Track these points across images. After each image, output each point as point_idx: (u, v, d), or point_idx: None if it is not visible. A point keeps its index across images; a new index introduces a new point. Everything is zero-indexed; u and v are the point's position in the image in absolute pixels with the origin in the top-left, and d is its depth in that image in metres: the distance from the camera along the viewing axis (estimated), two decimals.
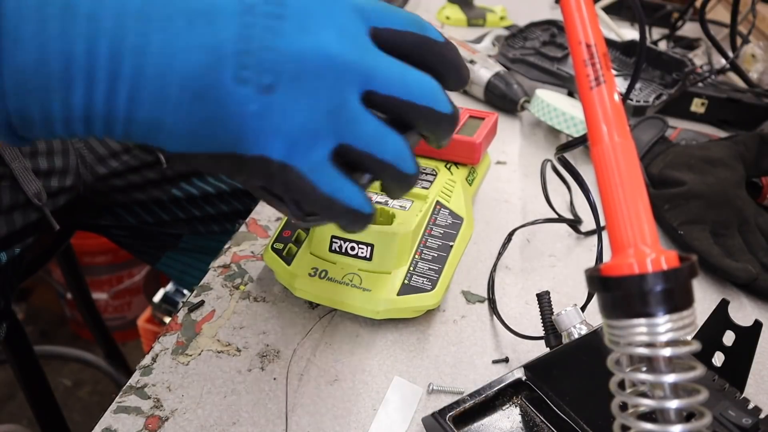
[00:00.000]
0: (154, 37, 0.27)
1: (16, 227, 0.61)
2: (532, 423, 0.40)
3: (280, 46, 0.28)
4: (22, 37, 0.25)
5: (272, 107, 0.29)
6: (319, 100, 0.29)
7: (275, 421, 0.39)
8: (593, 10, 0.30)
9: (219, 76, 0.28)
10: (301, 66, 0.29)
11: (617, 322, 0.27)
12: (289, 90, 0.29)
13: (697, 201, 0.58)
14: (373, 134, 0.31)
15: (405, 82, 0.31)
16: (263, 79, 0.28)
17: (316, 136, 0.30)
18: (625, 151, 0.28)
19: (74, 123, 0.28)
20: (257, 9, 0.28)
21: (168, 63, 0.27)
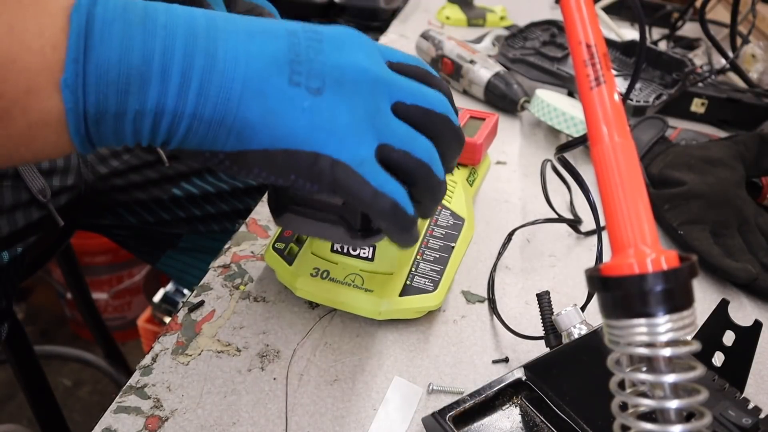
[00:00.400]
0: (220, 44, 0.31)
1: (18, 226, 0.61)
2: (532, 423, 0.40)
3: (323, 59, 0.33)
4: (108, 36, 0.29)
5: (321, 106, 0.32)
6: (360, 103, 0.33)
7: (275, 421, 0.39)
8: (593, 10, 0.30)
9: (276, 78, 0.32)
10: (342, 74, 0.33)
11: (617, 322, 0.27)
12: (334, 93, 0.33)
13: (697, 201, 0.58)
14: (406, 135, 0.35)
15: (423, 94, 0.36)
16: (312, 83, 0.32)
17: (360, 133, 0.33)
18: (625, 151, 0.28)
19: (144, 117, 0.30)
20: (300, 34, 0.33)
21: (233, 65, 0.31)
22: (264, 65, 0.32)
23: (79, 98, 0.29)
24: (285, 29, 0.33)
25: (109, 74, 0.29)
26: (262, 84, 0.31)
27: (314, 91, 0.32)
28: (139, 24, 0.29)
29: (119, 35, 0.29)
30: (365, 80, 0.34)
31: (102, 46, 0.28)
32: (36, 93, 0.29)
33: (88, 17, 0.28)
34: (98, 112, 0.29)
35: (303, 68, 0.32)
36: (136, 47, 0.29)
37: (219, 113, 0.31)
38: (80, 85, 0.29)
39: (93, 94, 0.29)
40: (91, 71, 0.29)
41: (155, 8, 0.31)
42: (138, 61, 0.29)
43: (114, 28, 0.29)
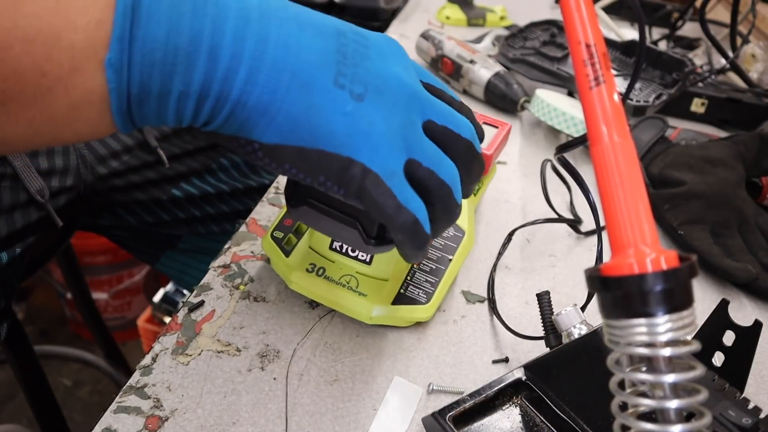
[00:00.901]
0: (272, 30, 0.30)
1: (17, 227, 0.61)
2: (532, 423, 0.40)
3: (368, 66, 0.33)
4: (156, 12, 0.27)
5: (362, 112, 0.32)
6: (396, 115, 0.33)
7: (275, 421, 0.39)
8: (593, 10, 0.30)
9: (324, 76, 0.31)
10: (384, 84, 0.33)
11: (617, 322, 0.27)
12: (374, 101, 0.33)
13: (697, 201, 0.58)
14: (435, 154, 0.35)
15: (454, 117, 0.36)
16: (356, 88, 0.32)
17: (393, 145, 0.33)
18: (625, 151, 0.28)
19: (188, 99, 0.29)
20: (348, 35, 0.33)
21: (284, 54, 0.30)
22: (314, 60, 0.31)
23: (123, 78, 0.28)
24: (334, 27, 0.33)
25: (155, 54, 0.28)
26: (310, 79, 0.31)
27: (356, 96, 0.32)
28: (189, 1, 0.28)
29: (167, 13, 0.27)
30: (403, 93, 0.34)
31: (149, 24, 0.27)
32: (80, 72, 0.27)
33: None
34: (142, 91, 0.29)
35: (348, 71, 0.32)
36: (185, 26, 0.28)
37: (264, 102, 0.30)
38: (125, 64, 0.28)
39: (137, 73, 0.28)
40: (136, 50, 0.27)
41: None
42: (186, 40, 0.28)
43: (162, 5, 0.27)
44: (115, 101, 0.28)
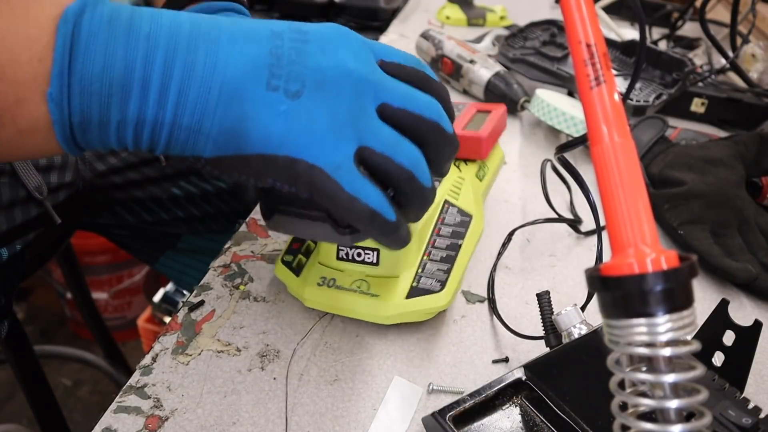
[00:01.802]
0: (200, 51, 0.31)
1: (16, 223, 0.61)
2: (532, 423, 0.40)
3: (304, 61, 0.33)
4: (92, 49, 0.30)
5: (299, 109, 0.32)
6: (341, 105, 0.33)
7: (275, 421, 0.39)
8: (593, 10, 0.30)
9: (253, 83, 0.32)
10: (323, 76, 0.33)
11: (617, 322, 0.27)
12: (313, 95, 0.32)
13: (697, 201, 0.58)
14: (389, 138, 0.34)
15: (413, 97, 0.35)
16: (291, 86, 0.32)
17: (339, 136, 0.33)
18: (625, 151, 0.28)
19: (127, 127, 0.32)
20: (285, 34, 0.33)
21: (211, 72, 0.31)
22: (242, 71, 0.32)
23: (65, 110, 0.30)
24: (270, 31, 0.33)
25: (92, 86, 0.30)
26: (239, 90, 0.32)
27: (292, 95, 0.32)
28: (122, 36, 0.30)
29: (103, 48, 0.30)
30: (348, 81, 0.33)
31: (86, 60, 0.30)
32: (25, 103, 0.30)
33: (74, 29, 0.29)
34: (83, 121, 0.31)
35: (282, 71, 0.32)
36: (119, 60, 0.30)
37: (197, 121, 0.32)
38: (65, 97, 0.30)
39: (77, 105, 0.30)
40: (75, 84, 0.30)
41: (141, 16, 0.31)
42: (120, 73, 0.30)
43: (98, 40, 0.30)
44: (58, 130, 0.31)
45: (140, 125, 0.32)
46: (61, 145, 0.31)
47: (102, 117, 0.31)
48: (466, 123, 0.56)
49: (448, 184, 0.51)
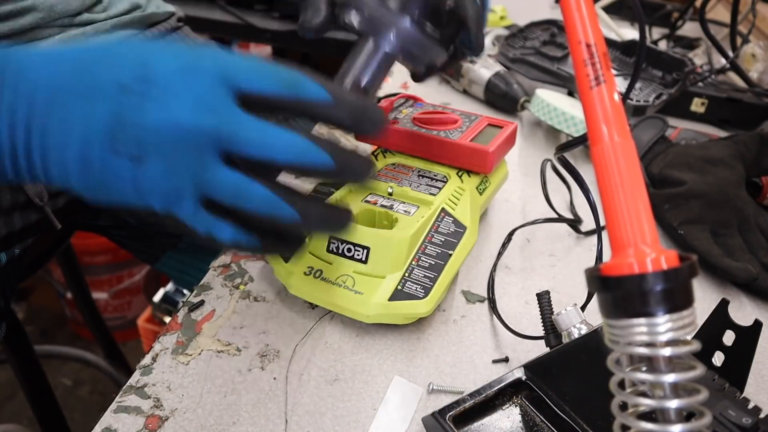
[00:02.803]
0: (54, 121, 0.34)
1: (16, 228, 0.61)
2: (532, 423, 0.40)
3: (145, 123, 0.33)
4: None
5: (143, 174, 0.34)
6: (180, 165, 0.34)
7: (275, 421, 0.39)
8: (593, 10, 0.30)
9: (99, 149, 0.34)
10: (160, 138, 0.34)
11: (617, 322, 0.27)
12: (154, 159, 0.34)
13: (697, 201, 0.58)
14: (234, 189, 0.34)
15: (263, 142, 0.34)
16: (132, 150, 0.34)
17: (180, 194, 0.35)
18: (625, 151, 0.28)
19: (7, 179, 0.35)
20: (129, 87, 0.34)
21: (64, 141, 0.34)
22: (88, 138, 0.34)
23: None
24: (116, 84, 0.34)
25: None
26: (88, 156, 0.34)
27: (134, 159, 0.34)
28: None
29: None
30: (186, 140, 0.34)
31: None
32: None
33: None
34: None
35: (124, 136, 0.34)
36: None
37: (64, 179, 0.35)
38: None
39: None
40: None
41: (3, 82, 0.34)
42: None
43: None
44: None
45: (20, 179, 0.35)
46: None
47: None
48: (475, 135, 0.55)
49: (447, 193, 0.51)
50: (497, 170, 0.58)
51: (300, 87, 0.35)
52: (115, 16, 0.64)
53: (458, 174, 0.54)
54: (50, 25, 0.57)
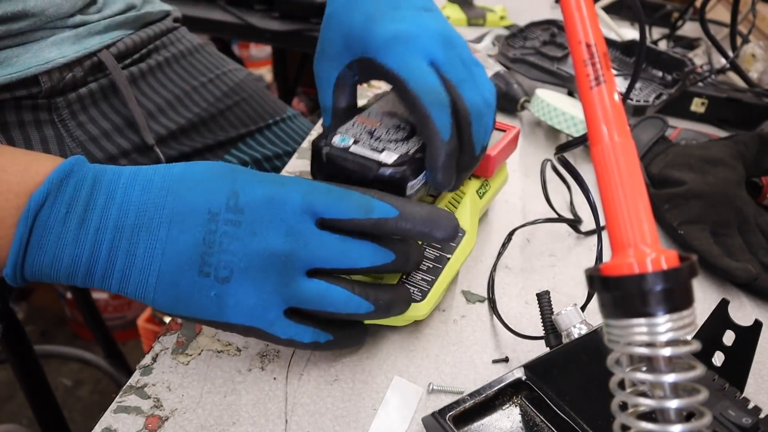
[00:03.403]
0: (141, 244, 0.36)
1: None
2: (532, 423, 0.40)
3: (234, 249, 0.36)
4: (43, 245, 0.35)
5: (228, 292, 0.37)
6: (266, 284, 0.37)
7: (275, 421, 0.39)
8: (593, 10, 0.30)
9: (188, 271, 0.36)
10: (250, 263, 0.37)
11: (617, 322, 0.27)
12: (241, 279, 0.37)
13: (697, 201, 0.59)
14: (316, 297, 0.38)
15: (344, 256, 0.38)
16: (220, 273, 0.36)
17: (266, 306, 0.37)
18: (625, 151, 0.28)
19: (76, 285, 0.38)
20: (220, 217, 0.37)
21: (148, 264, 0.36)
22: (176, 263, 0.36)
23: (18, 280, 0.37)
24: (208, 211, 0.37)
25: (42, 271, 0.36)
26: (174, 277, 0.36)
27: (222, 280, 0.36)
28: (73, 231, 0.35)
29: (54, 244, 0.35)
30: (273, 264, 0.37)
31: (38, 253, 0.35)
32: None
33: (34, 223, 0.35)
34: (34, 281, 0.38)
35: (213, 259, 0.36)
36: (67, 254, 0.35)
37: (139, 295, 0.37)
38: (18, 275, 0.36)
39: (29, 278, 0.37)
40: (27, 268, 0.36)
41: (94, 205, 0.36)
42: (67, 263, 0.36)
43: (51, 236, 0.35)
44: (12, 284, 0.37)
45: (88, 286, 0.38)
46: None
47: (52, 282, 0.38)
48: None
49: (447, 197, 0.51)
50: (497, 174, 0.58)
51: (372, 209, 0.38)
52: (110, 17, 0.64)
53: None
54: (42, 28, 0.57)
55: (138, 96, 0.69)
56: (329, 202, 0.38)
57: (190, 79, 0.74)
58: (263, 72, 2.39)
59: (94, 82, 0.63)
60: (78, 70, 0.61)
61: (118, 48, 0.65)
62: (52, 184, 0.35)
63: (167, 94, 0.71)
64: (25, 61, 0.56)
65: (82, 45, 0.60)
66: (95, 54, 0.62)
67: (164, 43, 0.73)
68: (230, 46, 2.31)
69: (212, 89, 0.76)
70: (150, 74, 0.70)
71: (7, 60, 0.55)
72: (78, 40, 0.60)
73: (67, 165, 0.36)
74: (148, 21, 0.70)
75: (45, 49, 0.57)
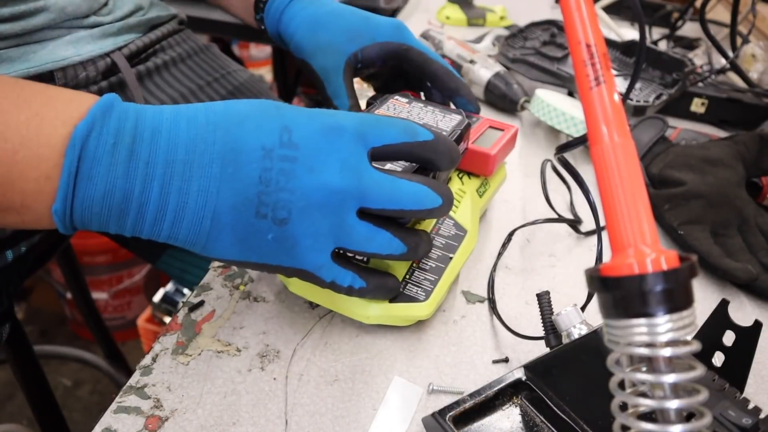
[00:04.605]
0: (194, 182, 0.34)
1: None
2: (532, 423, 0.40)
3: (292, 187, 0.35)
4: (94, 176, 0.33)
5: (285, 235, 0.36)
6: (322, 224, 0.36)
7: (275, 421, 0.39)
8: (593, 10, 0.30)
9: (245, 212, 0.35)
10: (309, 202, 0.36)
11: (617, 322, 0.27)
12: (299, 221, 0.36)
13: (697, 201, 0.58)
14: (363, 238, 0.38)
15: (393, 195, 0.38)
16: (278, 214, 0.35)
17: (319, 249, 0.37)
18: (625, 151, 0.28)
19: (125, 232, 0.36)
20: (274, 152, 0.35)
21: (203, 204, 0.34)
22: (232, 202, 0.35)
23: (67, 221, 0.34)
24: (261, 147, 0.35)
25: (93, 207, 0.33)
26: (230, 219, 0.35)
27: (279, 222, 0.35)
28: (123, 162, 0.33)
29: (104, 176, 0.33)
30: (331, 201, 0.36)
31: (89, 186, 0.33)
32: (29, 208, 0.34)
33: (81, 154, 0.32)
34: (83, 225, 0.35)
35: (270, 199, 0.35)
36: (119, 187, 0.33)
37: (191, 239, 0.35)
38: (68, 214, 0.33)
39: (78, 218, 0.34)
40: (77, 205, 0.33)
41: (141, 138, 0.34)
42: (119, 198, 0.33)
43: (101, 167, 0.33)
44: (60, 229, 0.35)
45: (138, 233, 0.35)
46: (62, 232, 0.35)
47: (101, 228, 0.35)
48: (476, 137, 0.55)
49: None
50: (497, 173, 0.58)
51: (417, 133, 0.39)
52: (121, 19, 0.65)
53: (459, 176, 0.54)
54: (59, 27, 0.59)
55: (144, 94, 0.69)
56: (380, 129, 0.38)
57: (196, 78, 0.75)
58: (263, 72, 2.39)
59: (104, 80, 0.64)
60: (92, 69, 0.62)
61: (130, 49, 0.66)
62: (96, 115, 0.33)
63: (173, 93, 0.72)
64: (41, 56, 0.57)
65: (97, 45, 0.62)
66: (108, 55, 0.64)
67: (170, 44, 0.74)
68: (230, 46, 2.31)
69: (217, 88, 0.76)
70: (156, 73, 0.71)
71: (25, 55, 0.56)
72: (93, 40, 0.62)
73: (107, 99, 0.34)
74: (156, 24, 0.72)
75: (61, 47, 0.59)
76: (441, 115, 0.49)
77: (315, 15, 0.56)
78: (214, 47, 0.82)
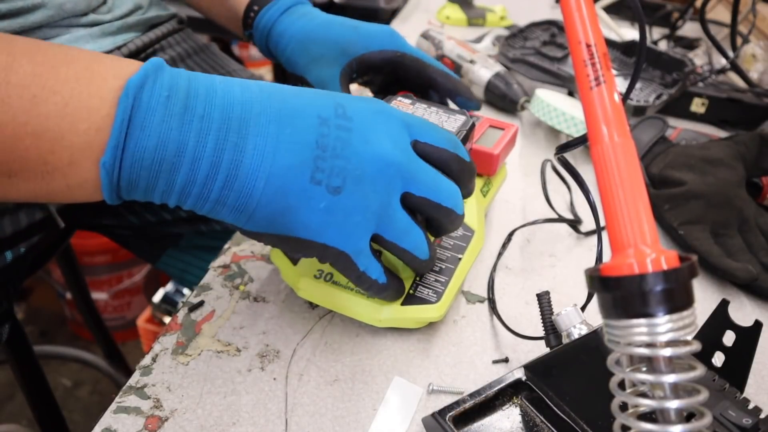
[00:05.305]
0: (250, 139, 0.33)
1: (21, 226, 0.61)
2: (532, 423, 0.40)
3: (348, 155, 0.35)
4: (147, 126, 0.31)
5: (338, 206, 0.35)
6: (373, 200, 0.36)
7: (275, 421, 0.39)
8: (593, 10, 0.30)
9: (300, 176, 0.34)
10: (363, 172, 0.35)
11: (617, 322, 0.27)
12: (352, 192, 0.35)
13: (697, 201, 0.58)
14: (401, 228, 0.38)
15: (436, 187, 0.38)
16: (333, 181, 0.34)
17: (365, 228, 0.37)
18: (625, 151, 0.28)
19: (171, 195, 0.34)
20: (330, 121, 0.35)
21: (259, 162, 0.33)
22: (288, 165, 0.33)
23: (114, 176, 0.32)
24: (317, 116, 0.35)
25: (144, 161, 0.32)
26: (284, 182, 0.33)
27: (333, 190, 0.35)
28: (178, 115, 0.32)
29: (158, 126, 0.31)
30: (385, 175, 0.36)
31: (141, 137, 0.31)
32: (77, 165, 0.32)
33: (134, 104, 0.31)
34: (129, 185, 0.33)
35: (327, 165, 0.34)
36: (172, 139, 0.32)
37: (241, 203, 0.34)
38: (116, 166, 0.32)
39: (127, 174, 0.32)
40: (128, 156, 0.31)
41: (196, 93, 0.33)
42: (172, 150, 0.32)
43: (155, 118, 0.31)
44: (106, 190, 0.33)
45: (185, 197, 0.34)
46: (105, 199, 0.34)
47: (149, 185, 0.33)
48: (477, 137, 0.56)
49: None
50: (499, 172, 0.58)
51: (459, 146, 0.40)
52: (120, 18, 0.65)
53: None
54: (58, 25, 0.58)
55: None
56: (425, 127, 0.39)
57: None
58: (263, 72, 2.39)
59: None
60: None
61: (129, 49, 0.66)
62: (149, 70, 0.32)
63: None
64: None
65: (96, 44, 0.62)
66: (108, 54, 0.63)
67: (170, 43, 0.74)
68: (230, 46, 2.31)
69: None
70: None
71: None
72: (93, 39, 0.61)
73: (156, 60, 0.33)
74: (156, 23, 0.71)
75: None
76: (446, 116, 0.49)
77: (304, 30, 0.57)
78: (214, 47, 0.81)
